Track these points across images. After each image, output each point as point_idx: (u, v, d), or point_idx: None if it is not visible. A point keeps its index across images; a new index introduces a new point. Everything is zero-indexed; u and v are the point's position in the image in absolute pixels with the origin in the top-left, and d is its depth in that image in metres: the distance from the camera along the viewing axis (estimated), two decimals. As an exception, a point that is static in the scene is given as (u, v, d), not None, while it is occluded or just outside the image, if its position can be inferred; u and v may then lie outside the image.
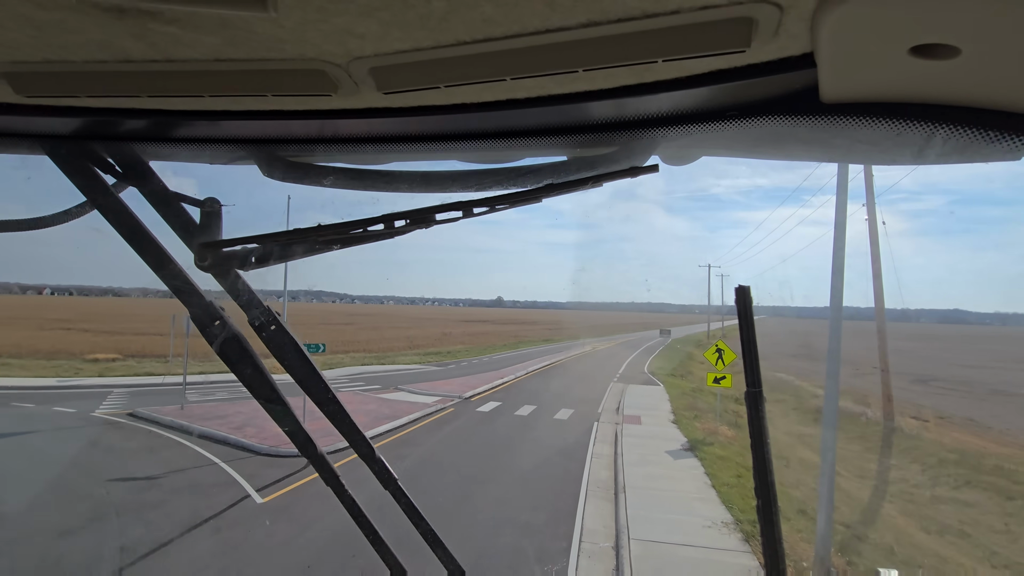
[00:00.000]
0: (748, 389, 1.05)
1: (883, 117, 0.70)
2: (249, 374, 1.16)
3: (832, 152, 0.91)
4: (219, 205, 1.12)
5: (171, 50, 0.66)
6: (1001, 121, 0.66)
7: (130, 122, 0.93)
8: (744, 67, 0.68)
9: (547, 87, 0.76)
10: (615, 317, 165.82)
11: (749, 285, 1.03)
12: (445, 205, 0.99)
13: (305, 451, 1.27)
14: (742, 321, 1.02)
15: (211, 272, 1.11)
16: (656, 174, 0.98)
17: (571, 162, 1.04)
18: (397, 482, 1.33)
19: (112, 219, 1.04)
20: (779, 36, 0.60)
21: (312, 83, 0.73)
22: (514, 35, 0.61)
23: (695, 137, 0.88)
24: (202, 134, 0.99)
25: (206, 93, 0.77)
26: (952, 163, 0.81)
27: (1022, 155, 0.72)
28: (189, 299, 1.11)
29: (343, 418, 1.25)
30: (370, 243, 1.08)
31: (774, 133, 0.83)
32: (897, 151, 0.82)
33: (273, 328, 1.19)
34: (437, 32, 0.61)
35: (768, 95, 0.76)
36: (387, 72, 0.70)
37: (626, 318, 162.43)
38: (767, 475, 1.06)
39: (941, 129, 0.69)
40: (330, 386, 1.24)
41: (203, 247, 1.07)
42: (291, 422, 1.22)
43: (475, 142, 0.97)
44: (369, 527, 1.37)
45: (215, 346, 1.13)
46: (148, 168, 1.09)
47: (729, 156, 1.03)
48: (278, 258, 1.13)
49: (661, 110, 0.83)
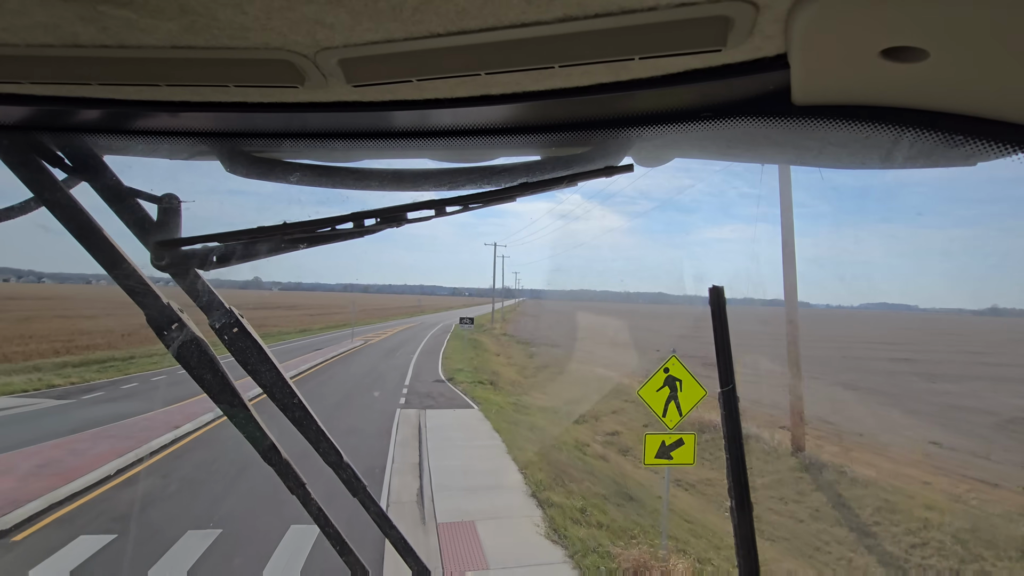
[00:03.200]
0: (721, 388, 1.07)
1: (853, 120, 0.71)
2: (209, 379, 1.11)
3: (804, 155, 0.92)
4: (178, 201, 1.07)
5: (125, 35, 0.62)
6: (963, 126, 0.68)
7: (81, 112, 0.88)
8: (719, 67, 0.68)
9: (523, 83, 0.75)
10: (392, 300, 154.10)
11: (723, 286, 1.08)
12: (417, 203, 0.98)
13: (268, 459, 1.21)
14: (716, 321, 1.07)
15: (169, 272, 1.07)
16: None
17: (545, 161, 1.03)
18: (366, 489, 1.30)
19: (61, 215, 0.98)
20: (754, 36, 0.60)
21: (278, 74, 0.70)
22: (489, 28, 0.59)
23: (670, 138, 0.89)
24: (160, 126, 0.95)
25: (163, 82, 0.73)
26: (917, 167, 0.84)
27: (977, 161, 0.75)
28: (144, 300, 1.05)
29: (309, 424, 1.22)
30: (339, 242, 1.05)
31: (748, 135, 0.85)
32: (866, 154, 0.85)
33: (236, 331, 1.14)
34: (410, 23, 0.59)
35: (742, 96, 0.76)
36: (357, 64, 0.67)
37: (402, 301, 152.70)
38: (742, 476, 1.08)
39: (908, 133, 0.70)
40: (296, 391, 1.20)
41: (160, 245, 1.04)
42: (254, 428, 1.18)
43: (448, 139, 0.94)
44: (337, 536, 1.31)
45: (172, 350, 1.07)
46: (101, 162, 1.04)
47: (703, 158, 1.04)
48: (241, 258, 1.09)
49: (637, 109, 0.83)
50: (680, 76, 0.70)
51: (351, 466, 1.27)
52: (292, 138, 0.97)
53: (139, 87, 0.76)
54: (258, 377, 1.15)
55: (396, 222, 0.99)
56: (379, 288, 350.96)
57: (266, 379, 1.16)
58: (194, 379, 1.10)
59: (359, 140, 0.95)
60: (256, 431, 1.17)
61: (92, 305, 54.68)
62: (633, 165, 0.99)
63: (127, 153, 1.05)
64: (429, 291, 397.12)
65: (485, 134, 0.91)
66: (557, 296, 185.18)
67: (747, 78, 0.69)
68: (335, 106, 0.81)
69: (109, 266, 1.01)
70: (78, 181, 1.02)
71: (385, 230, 1.04)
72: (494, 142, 0.92)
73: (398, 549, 1.37)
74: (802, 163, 0.96)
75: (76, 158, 1.01)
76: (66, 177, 1.00)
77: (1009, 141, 0.67)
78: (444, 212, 0.97)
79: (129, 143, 0.99)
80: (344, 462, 1.26)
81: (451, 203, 0.97)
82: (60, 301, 62.38)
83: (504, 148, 0.99)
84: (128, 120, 0.92)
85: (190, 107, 0.83)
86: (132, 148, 1.02)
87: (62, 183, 0.99)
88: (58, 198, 0.97)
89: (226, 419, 1.16)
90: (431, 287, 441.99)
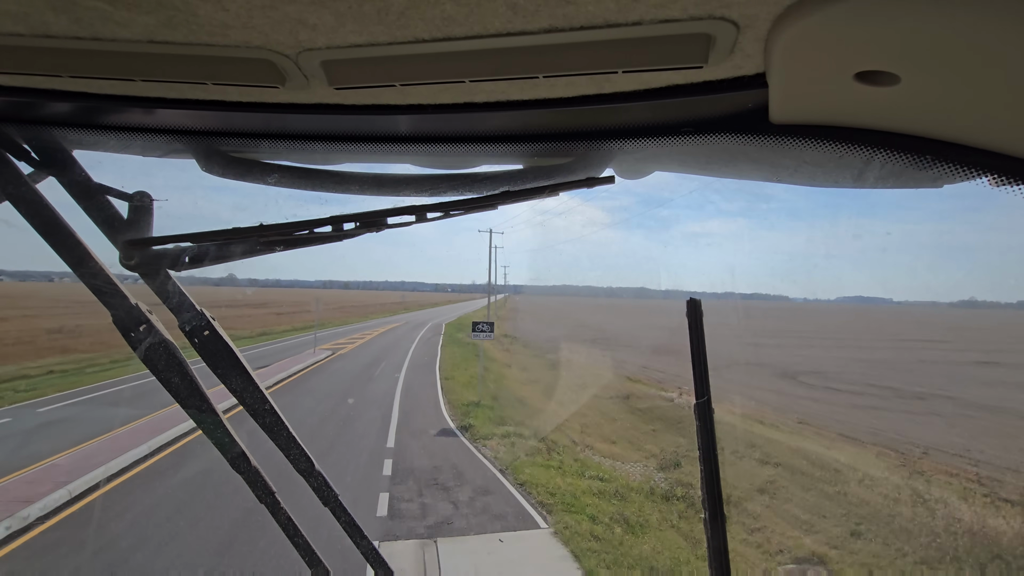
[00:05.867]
0: (697, 400, 1.06)
1: (827, 140, 0.73)
2: (177, 383, 1.07)
3: (780, 172, 0.93)
4: (150, 200, 1.03)
5: (99, 28, 0.60)
6: (931, 149, 0.69)
7: (50, 105, 0.85)
8: (700, 83, 0.69)
9: (507, 92, 0.74)
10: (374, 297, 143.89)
11: (700, 299, 1.08)
12: (397, 209, 0.96)
13: (237, 466, 1.16)
14: (692, 333, 1.09)
15: (138, 272, 1.04)
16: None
17: (527, 171, 1.02)
18: (338, 498, 1.27)
19: (25, 210, 0.95)
20: (735, 54, 0.61)
21: (258, 73, 0.68)
22: (475, 36, 0.59)
23: (650, 151, 0.90)
24: (133, 122, 0.91)
25: (139, 77, 0.71)
26: (887, 187, 0.84)
27: (944, 183, 0.77)
28: (111, 300, 1.01)
29: (280, 430, 1.18)
30: (317, 245, 1.03)
31: (726, 151, 0.86)
32: (839, 173, 0.86)
33: (207, 333, 1.10)
34: (395, 27, 0.58)
35: (722, 113, 0.77)
36: (340, 66, 0.66)
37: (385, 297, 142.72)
38: (715, 487, 1.07)
39: (879, 154, 0.71)
40: (268, 397, 1.16)
41: (130, 244, 1.01)
42: (223, 435, 1.13)
43: (430, 145, 0.93)
44: (307, 548, 1.27)
45: (139, 352, 1.04)
46: (70, 156, 1.01)
47: (682, 172, 1.04)
48: (214, 259, 1.05)
49: (619, 122, 0.83)
50: (662, 91, 0.71)
51: (322, 474, 1.24)
52: (271, 139, 0.96)
53: (113, 81, 0.74)
54: (228, 382, 1.12)
55: (376, 227, 0.99)
56: (360, 284, 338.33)
57: (237, 384, 1.12)
58: (161, 383, 1.06)
59: (340, 143, 0.94)
60: (225, 437, 1.13)
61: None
62: (614, 177, 0.99)
63: (98, 148, 1.02)
64: (412, 287, 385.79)
65: (468, 141, 0.91)
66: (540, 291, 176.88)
67: (727, 95, 0.70)
68: (316, 108, 0.80)
69: (75, 264, 0.97)
70: (45, 176, 0.99)
71: (364, 233, 1.00)
72: (477, 150, 0.93)
73: (368, 559, 1.35)
74: (778, 180, 0.97)
75: (43, 152, 0.97)
76: (32, 171, 0.97)
77: (974, 165, 0.69)
78: (425, 219, 0.96)
79: (100, 138, 0.96)
80: (315, 470, 1.23)
81: (432, 209, 0.95)
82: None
83: (487, 156, 0.99)
84: (100, 115, 0.89)
85: (166, 104, 0.81)
86: (103, 143, 0.99)
87: (28, 177, 0.95)
88: (23, 192, 0.94)
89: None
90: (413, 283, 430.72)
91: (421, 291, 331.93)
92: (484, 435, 12.07)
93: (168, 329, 1.06)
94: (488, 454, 10.90)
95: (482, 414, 13.95)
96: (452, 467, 10.07)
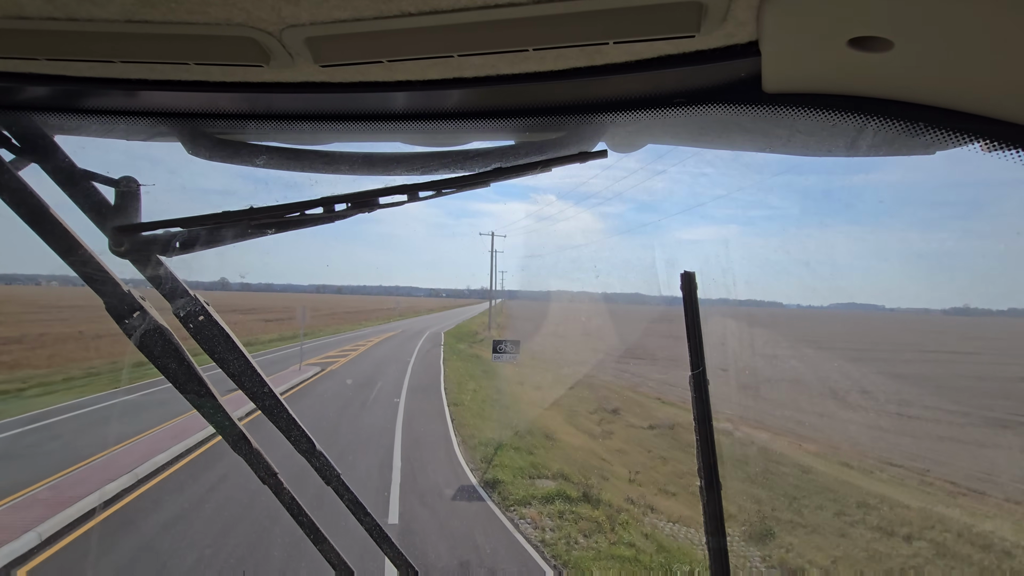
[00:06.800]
0: (692, 371, 1.10)
1: (820, 108, 0.72)
2: (174, 369, 1.06)
3: (773, 142, 0.93)
4: (137, 185, 1.01)
5: (74, 8, 0.58)
6: (924, 115, 0.69)
7: (29, 89, 0.84)
8: (692, 53, 0.68)
9: (496, 66, 0.73)
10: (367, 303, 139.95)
11: (694, 271, 1.08)
12: (389, 188, 0.96)
13: (239, 449, 1.17)
14: (687, 306, 1.09)
15: (128, 258, 1.02)
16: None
17: (519, 146, 1.02)
18: (340, 477, 1.27)
19: (9, 199, 0.93)
20: (727, 23, 0.60)
21: (241, 52, 0.66)
22: (462, 9, 0.57)
23: (643, 123, 0.89)
24: (115, 105, 0.90)
25: (118, 59, 0.70)
26: (880, 156, 0.84)
27: (936, 149, 0.76)
28: (102, 288, 0.99)
29: (280, 412, 1.19)
30: (308, 228, 1.02)
31: (719, 121, 0.85)
32: (832, 142, 0.86)
33: (201, 319, 1.09)
34: (380, 1, 0.57)
35: (714, 83, 0.76)
36: (325, 43, 0.64)
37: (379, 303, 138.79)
38: (710, 456, 1.09)
39: (872, 122, 0.71)
40: (266, 379, 1.16)
41: (119, 231, 0.99)
42: (223, 418, 1.13)
43: (420, 123, 0.92)
44: (311, 526, 1.27)
45: (134, 339, 1.02)
46: (52, 142, 0.98)
47: (675, 144, 1.03)
48: (206, 243, 1.04)
49: (610, 95, 0.83)
50: (654, 62, 0.70)
51: (324, 454, 1.24)
52: (258, 119, 0.94)
53: (91, 63, 0.72)
54: (226, 366, 1.12)
55: (368, 207, 0.97)
56: (353, 289, 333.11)
57: (234, 368, 1.12)
58: (158, 368, 1.05)
59: (328, 122, 0.93)
60: (225, 420, 1.13)
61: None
62: (607, 151, 0.99)
63: (80, 133, 1.01)
64: (406, 292, 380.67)
65: (458, 118, 0.90)
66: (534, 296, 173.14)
67: (719, 65, 0.69)
68: (303, 87, 0.79)
69: (64, 252, 0.96)
70: (27, 163, 0.96)
71: (356, 214, 0.98)
72: (467, 126, 0.92)
73: (375, 539, 1.34)
74: (771, 150, 0.97)
75: (24, 138, 0.95)
76: (14, 158, 0.95)
77: (966, 130, 0.68)
78: (417, 197, 0.96)
79: (82, 122, 0.95)
80: (317, 450, 1.23)
81: (424, 188, 0.95)
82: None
83: (477, 132, 0.99)
84: (80, 98, 0.87)
85: (148, 85, 0.80)
86: (86, 128, 0.98)
87: (9, 164, 0.93)
88: (6, 180, 0.92)
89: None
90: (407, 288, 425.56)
91: (416, 296, 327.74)
92: (519, 498, 9.04)
93: (162, 315, 1.04)
94: (531, 533, 7.88)
95: (508, 460, 10.92)
96: (485, 566, 7.01)
